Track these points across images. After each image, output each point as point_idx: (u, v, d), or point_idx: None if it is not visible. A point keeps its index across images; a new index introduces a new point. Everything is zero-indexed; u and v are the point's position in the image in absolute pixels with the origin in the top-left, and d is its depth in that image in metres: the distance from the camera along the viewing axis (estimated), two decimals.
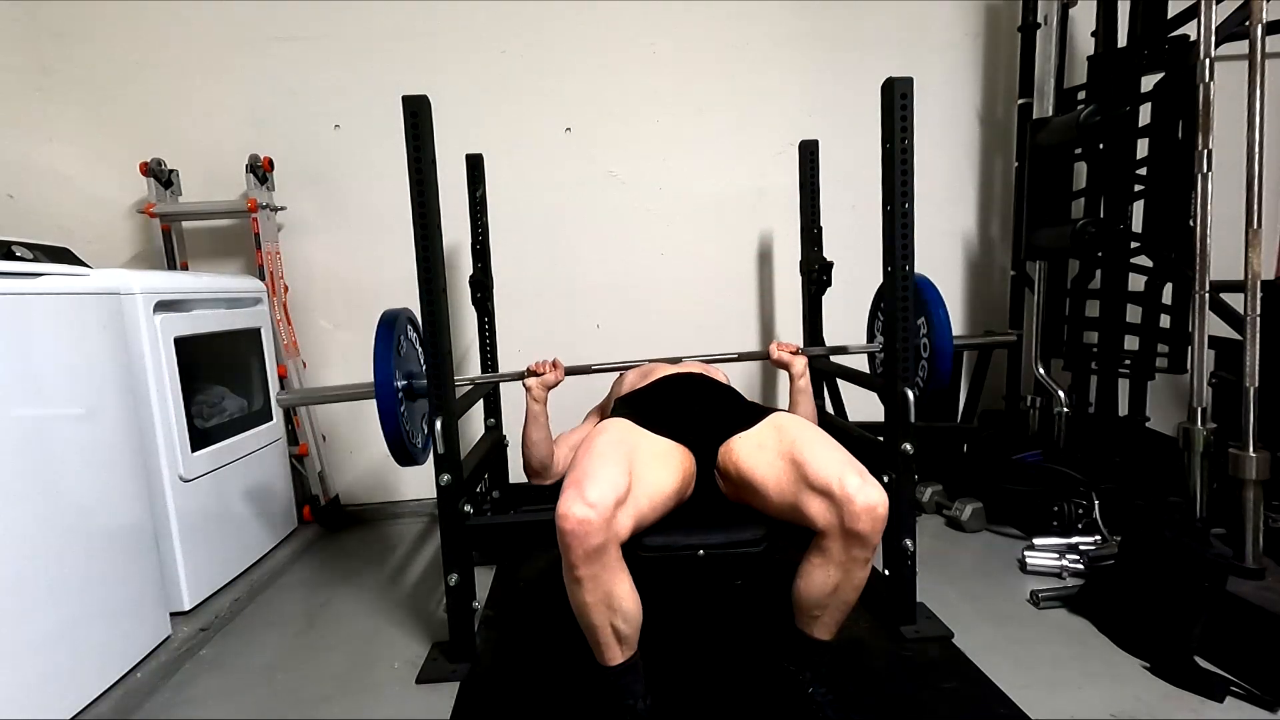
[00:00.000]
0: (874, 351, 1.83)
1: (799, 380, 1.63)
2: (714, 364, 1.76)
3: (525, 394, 1.60)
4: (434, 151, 1.41)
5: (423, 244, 1.41)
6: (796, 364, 1.64)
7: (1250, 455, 1.51)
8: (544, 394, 1.61)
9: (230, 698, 1.47)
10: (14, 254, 1.46)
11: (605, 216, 2.52)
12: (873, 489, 1.15)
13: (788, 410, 1.54)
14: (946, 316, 1.64)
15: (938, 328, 1.64)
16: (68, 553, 1.34)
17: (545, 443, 1.59)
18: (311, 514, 2.41)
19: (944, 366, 1.64)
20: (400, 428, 1.45)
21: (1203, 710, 1.26)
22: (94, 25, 2.31)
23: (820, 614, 1.24)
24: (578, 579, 1.13)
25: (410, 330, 1.59)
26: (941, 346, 1.63)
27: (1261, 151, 1.52)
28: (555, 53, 2.44)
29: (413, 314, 1.60)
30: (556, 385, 1.63)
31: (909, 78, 1.46)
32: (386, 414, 1.41)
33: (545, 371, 1.62)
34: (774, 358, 1.66)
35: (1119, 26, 2.14)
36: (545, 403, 1.61)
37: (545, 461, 1.60)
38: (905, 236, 1.50)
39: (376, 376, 1.41)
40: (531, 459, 1.61)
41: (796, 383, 1.64)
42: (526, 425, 1.59)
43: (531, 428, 1.58)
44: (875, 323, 1.92)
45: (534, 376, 1.61)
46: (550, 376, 1.62)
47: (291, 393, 1.57)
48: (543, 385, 1.60)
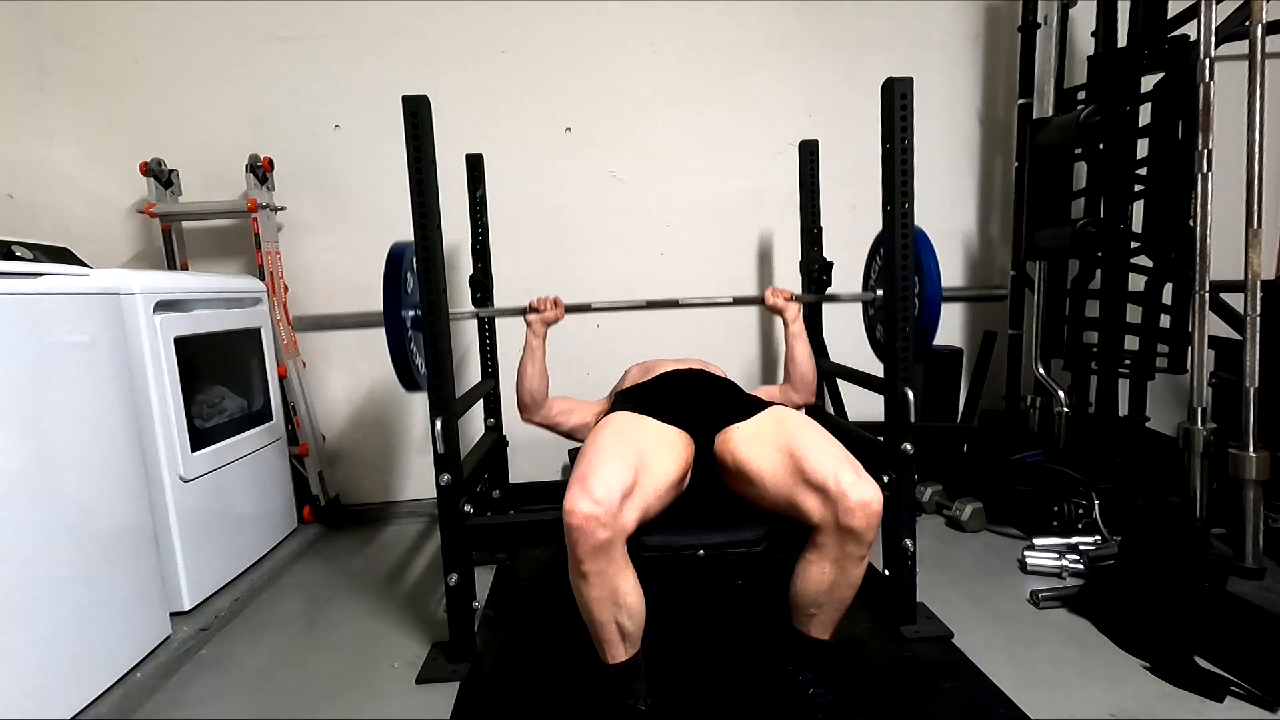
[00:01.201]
0: (868, 300, 1.83)
1: (793, 325, 1.71)
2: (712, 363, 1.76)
3: (525, 329, 1.68)
4: (434, 151, 1.41)
5: (423, 244, 1.41)
6: (790, 309, 1.71)
7: (1250, 455, 1.52)
8: (543, 329, 1.69)
9: (230, 698, 1.47)
10: (14, 254, 1.46)
11: (605, 216, 2.52)
12: (867, 485, 1.16)
13: (785, 355, 1.71)
14: (937, 267, 1.63)
15: (928, 281, 1.62)
16: (68, 553, 1.34)
17: (539, 377, 1.67)
18: (311, 514, 2.41)
19: (931, 316, 1.64)
20: (407, 355, 1.53)
21: (1203, 710, 1.26)
22: (94, 25, 2.31)
23: (817, 612, 1.25)
24: (584, 574, 1.14)
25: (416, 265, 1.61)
26: (931, 299, 1.63)
27: (1261, 151, 1.52)
28: (555, 53, 2.44)
29: None
30: (557, 321, 1.71)
31: (909, 78, 1.46)
32: (395, 342, 1.50)
33: (546, 309, 1.69)
34: (769, 303, 1.73)
35: (1119, 26, 2.14)
36: (544, 338, 1.69)
37: (536, 396, 1.67)
38: (905, 237, 1.50)
39: (385, 308, 1.48)
40: (523, 391, 1.67)
41: (791, 327, 1.71)
42: (523, 358, 1.67)
43: (528, 360, 1.66)
44: (872, 269, 1.90)
45: (535, 312, 1.68)
46: (551, 313, 1.69)
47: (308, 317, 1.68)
48: (543, 321, 1.68)
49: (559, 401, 1.72)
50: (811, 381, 1.73)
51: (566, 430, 1.73)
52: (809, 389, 1.73)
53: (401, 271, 1.52)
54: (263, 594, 1.96)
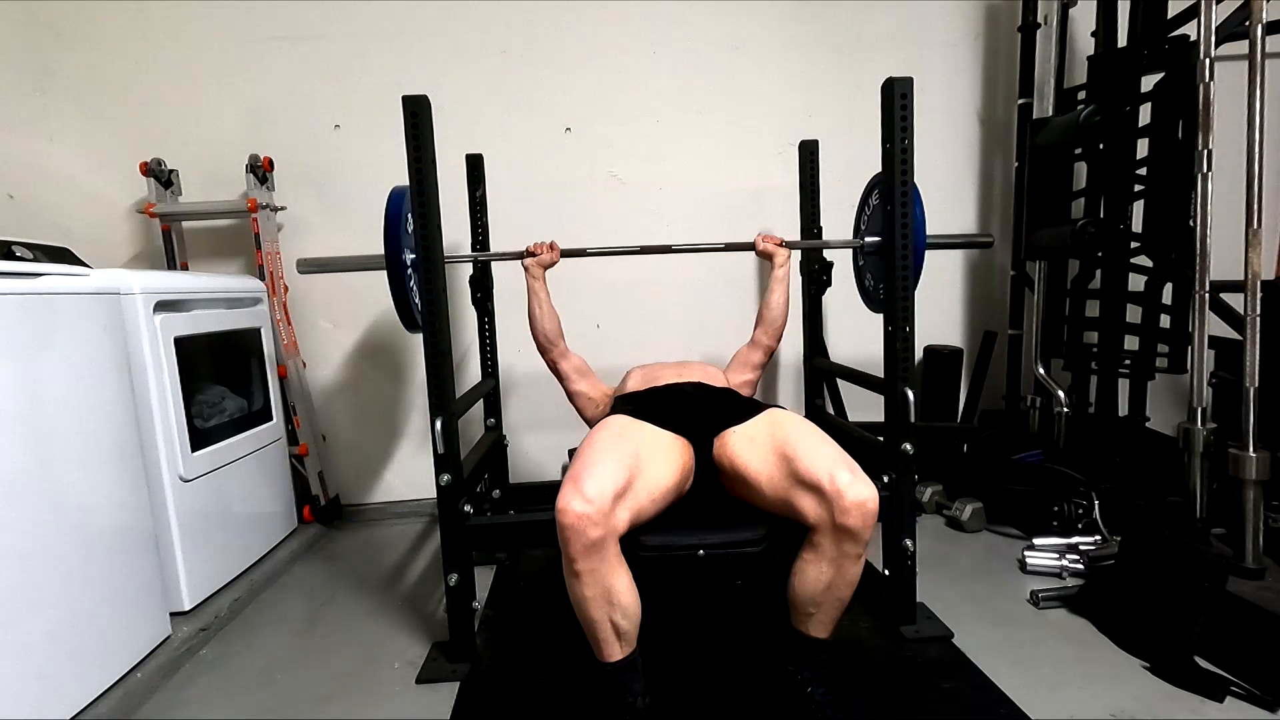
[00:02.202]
0: (858, 246, 1.84)
1: (778, 270, 1.78)
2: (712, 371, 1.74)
3: (524, 273, 1.75)
4: (434, 151, 1.41)
5: (423, 244, 1.41)
6: (780, 253, 1.78)
7: (1250, 455, 1.52)
8: (541, 272, 1.76)
9: (230, 698, 1.47)
10: (14, 254, 1.46)
11: (605, 216, 2.52)
12: (863, 484, 1.16)
13: (763, 299, 1.79)
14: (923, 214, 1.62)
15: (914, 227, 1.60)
16: (68, 553, 1.34)
17: (549, 316, 1.75)
18: (311, 514, 2.41)
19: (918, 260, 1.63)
20: (409, 296, 1.56)
21: (1203, 710, 1.26)
22: (94, 25, 2.31)
23: (815, 611, 1.25)
24: (576, 573, 1.14)
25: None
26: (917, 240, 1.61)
27: (1261, 151, 1.52)
28: (555, 53, 2.44)
29: None
30: (553, 265, 1.77)
31: (909, 78, 1.46)
32: (396, 282, 1.53)
33: (542, 252, 1.75)
34: (759, 248, 1.79)
35: (1119, 26, 2.14)
36: (543, 280, 1.77)
37: (551, 334, 1.74)
38: (905, 237, 1.50)
39: (387, 248, 1.51)
40: (538, 331, 1.75)
41: (776, 271, 1.78)
42: (530, 302, 1.75)
43: (533, 302, 1.74)
44: (863, 216, 1.90)
45: (532, 257, 1.75)
46: (547, 256, 1.76)
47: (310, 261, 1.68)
48: (539, 264, 1.75)
49: (578, 358, 1.79)
50: (780, 327, 1.80)
51: (572, 389, 1.78)
52: (777, 333, 1.80)
53: (401, 213, 1.55)
54: (263, 594, 1.96)
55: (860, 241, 1.78)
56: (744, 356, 1.81)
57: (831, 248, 2.00)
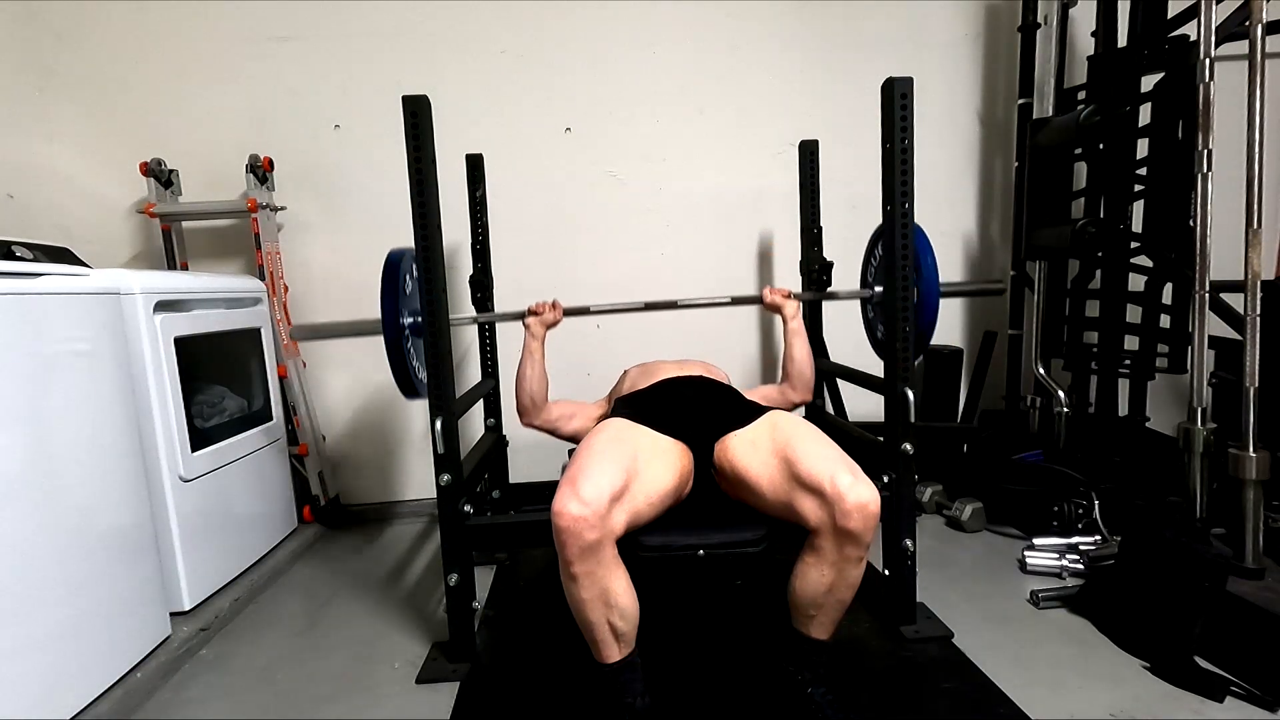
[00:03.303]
0: (866, 297, 1.83)
1: (792, 322, 1.72)
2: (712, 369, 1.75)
3: (524, 331, 1.70)
4: (434, 151, 1.41)
5: (423, 244, 1.41)
6: (789, 306, 1.73)
7: (1250, 455, 1.52)
8: (542, 331, 1.71)
9: (230, 698, 1.47)
10: (14, 254, 1.46)
11: (605, 216, 2.52)
12: (864, 487, 1.15)
13: (784, 353, 1.72)
14: (934, 263, 1.63)
15: (925, 275, 1.62)
16: (68, 553, 1.34)
17: (538, 380, 1.68)
18: (311, 514, 2.41)
19: (930, 314, 1.64)
20: (406, 361, 1.53)
21: (1203, 710, 1.26)
22: (94, 25, 2.31)
23: (816, 613, 1.24)
24: (573, 576, 1.14)
25: (415, 269, 1.61)
26: (929, 292, 1.63)
27: (1261, 151, 1.52)
28: (555, 53, 2.44)
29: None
30: (555, 325, 1.73)
31: (909, 78, 1.46)
32: (393, 348, 1.51)
33: (545, 311, 1.71)
34: (767, 301, 1.74)
35: (1119, 26, 2.14)
36: (543, 341, 1.71)
37: (535, 399, 1.68)
38: (905, 237, 1.50)
39: (384, 314, 1.50)
40: (522, 394, 1.68)
41: (789, 324, 1.73)
42: (522, 361, 1.68)
43: (527, 363, 1.68)
44: (869, 266, 1.90)
45: (534, 316, 1.71)
46: (549, 316, 1.71)
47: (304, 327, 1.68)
48: (542, 324, 1.71)
49: (559, 405, 1.72)
50: (810, 379, 1.73)
51: (567, 434, 1.71)
52: (807, 387, 1.74)
53: (399, 276, 1.52)
54: (263, 594, 1.96)
55: (869, 293, 1.77)
56: (769, 394, 1.73)
57: (839, 299, 1.95)
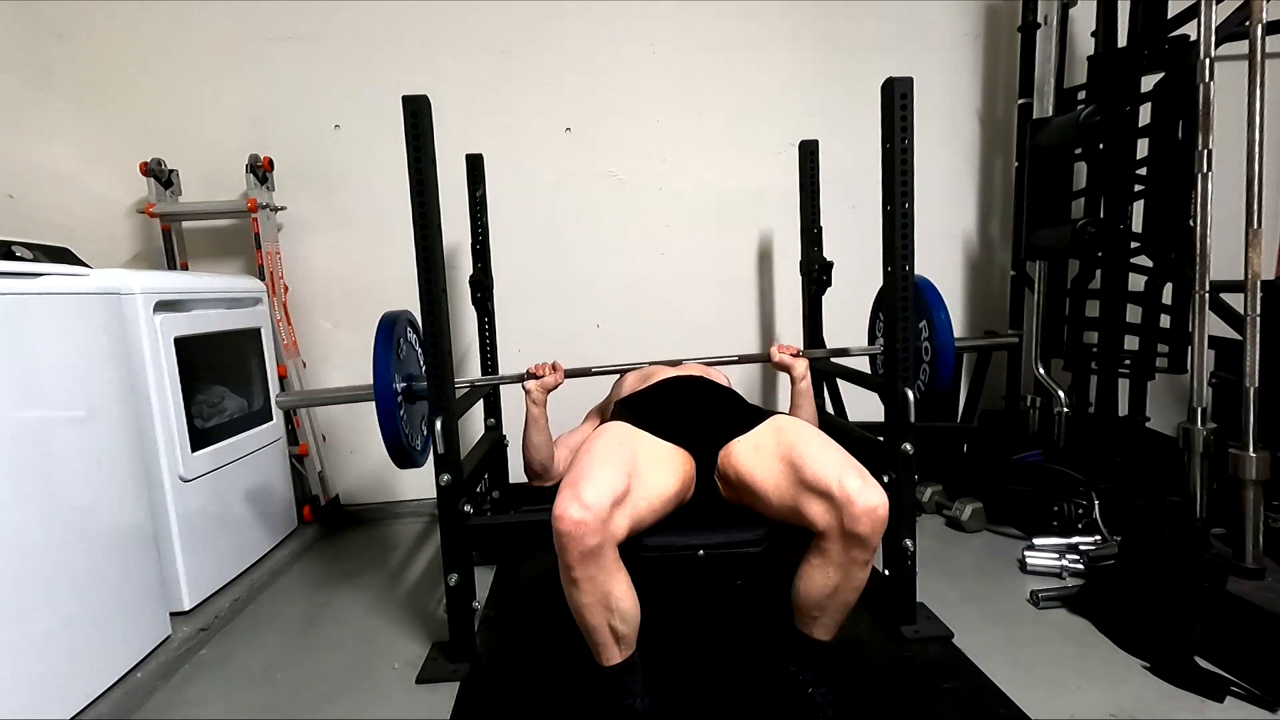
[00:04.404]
0: (875, 354, 1.82)
1: (800, 383, 1.62)
2: (714, 366, 1.75)
3: (525, 397, 1.59)
4: (434, 151, 1.41)
5: (423, 244, 1.41)
6: (798, 366, 1.63)
7: (1250, 455, 1.51)
8: (543, 396, 1.60)
9: (230, 698, 1.47)
10: (14, 254, 1.46)
11: (605, 216, 2.52)
12: (873, 490, 1.15)
13: (789, 414, 1.54)
14: (948, 318, 1.64)
15: (939, 330, 1.63)
16: (68, 553, 1.34)
17: (545, 445, 1.59)
18: (311, 514, 2.41)
19: (945, 369, 1.63)
20: (400, 430, 1.45)
21: (1203, 710, 1.26)
22: (94, 25, 2.31)
23: (820, 615, 1.24)
24: (574, 580, 1.14)
25: (410, 332, 1.59)
26: (943, 346, 1.62)
27: (1261, 151, 1.52)
28: (555, 53, 2.44)
29: (412, 316, 1.60)
30: (556, 388, 1.62)
31: (909, 78, 1.46)
32: (386, 416, 1.42)
33: (545, 374, 1.61)
34: (775, 360, 1.65)
35: (1119, 26, 2.13)
36: (545, 405, 1.60)
37: (546, 464, 1.60)
38: (905, 236, 1.50)
39: (376, 380, 1.42)
40: (532, 462, 1.61)
41: (798, 385, 1.63)
42: (526, 428, 1.58)
43: (531, 430, 1.58)
44: (876, 325, 1.92)
45: (533, 379, 1.60)
46: (550, 379, 1.61)
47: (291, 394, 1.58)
48: (542, 388, 1.59)
49: (561, 451, 1.64)
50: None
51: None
52: None
53: (392, 340, 1.46)
54: (263, 594, 1.96)
55: (877, 349, 1.76)
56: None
57: (848, 356, 1.84)
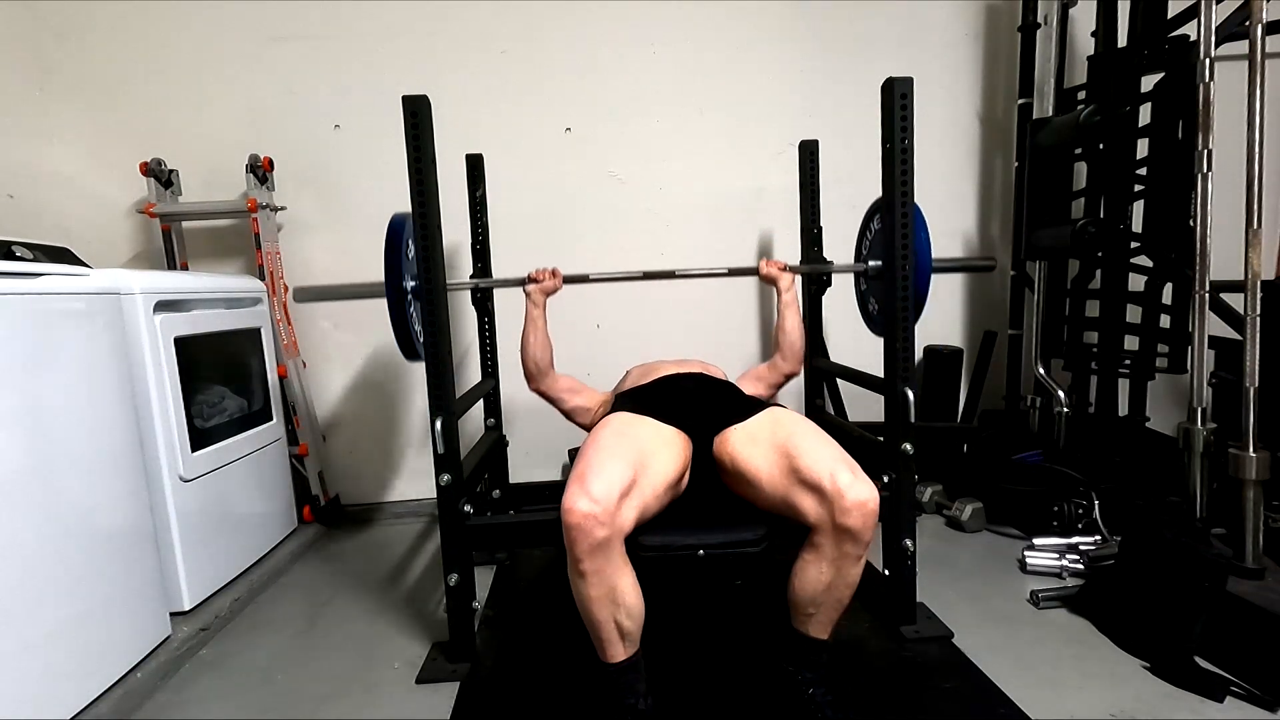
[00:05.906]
0: (861, 271, 1.84)
1: (785, 294, 1.76)
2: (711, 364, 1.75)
3: (525, 299, 1.71)
4: (434, 151, 1.41)
5: (423, 244, 1.41)
6: (784, 279, 1.76)
7: (1250, 455, 1.51)
8: (542, 299, 1.72)
9: (230, 698, 1.47)
10: (14, 254, 1.46)
11: (605, 216, 2.52)
12: (863, 485, 1.16)
13: (776, 324, 1.76)
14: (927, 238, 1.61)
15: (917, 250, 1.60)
16: (67, 553, 1.34)
17: (542, 345, 1.70)
18: (311, 514, 2.41)
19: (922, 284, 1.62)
20: (408, 324, 1.54)
21: (1203, 710, 1.26)
22: (95, 25, 2.31)
23: (815, 612, 1.25)
24: (582, 573, 1.14)
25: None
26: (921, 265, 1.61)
27: (1261, 151, 1.52)
28: (555, 53, 2.44)
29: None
30: (555, 291, 1.74)
31: (909, 78, 1.46)
32: (395, 309, 1.52)
33: (545, 279, 1.72)
34: (763, 272, 1.77)
35: (1119, 26, 2.14)
36: (544, 308, 1.72)
37: (540, 364, 1.70)
38: (905, 237, 1.50)
39: (387, 276, 1.50)
40: (527, 359, 1.70)
41: (784, 296, 1.76)
42: (525, 328, 1.70)
43: (530, 330, 1.70)
44: (864, 241, 1.89)
45: (534, 283, 1.71)
46: (550, 283, 1.72)
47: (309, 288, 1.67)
48: (542, 290, 1.72)
49: (566, 379, 1.74)
50: (800, 349, 1.77)
51: (568, 409, 1.74)
52: (797, 357, 1.77)
53: (402, 240, 1.54)
54: (263, 594, 1.96)
55: (863, 266, 1.77)
56: (760, 372, 1.78)
57: (835, 271, 2.00)
